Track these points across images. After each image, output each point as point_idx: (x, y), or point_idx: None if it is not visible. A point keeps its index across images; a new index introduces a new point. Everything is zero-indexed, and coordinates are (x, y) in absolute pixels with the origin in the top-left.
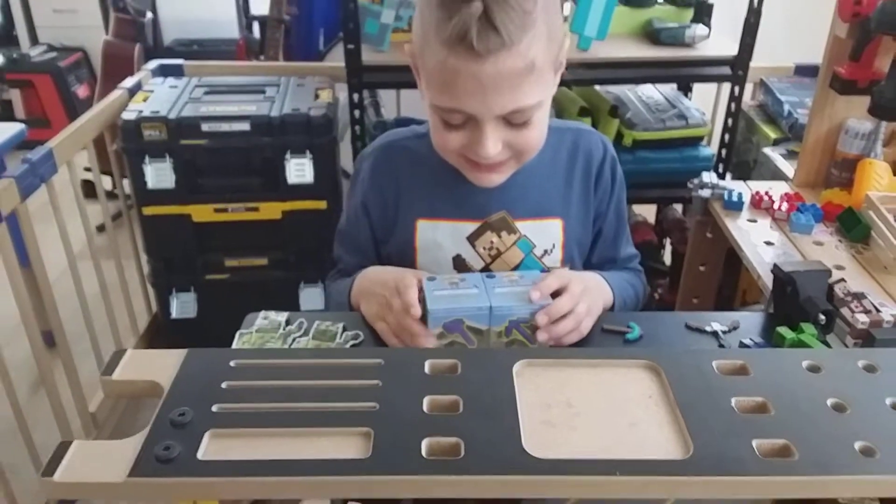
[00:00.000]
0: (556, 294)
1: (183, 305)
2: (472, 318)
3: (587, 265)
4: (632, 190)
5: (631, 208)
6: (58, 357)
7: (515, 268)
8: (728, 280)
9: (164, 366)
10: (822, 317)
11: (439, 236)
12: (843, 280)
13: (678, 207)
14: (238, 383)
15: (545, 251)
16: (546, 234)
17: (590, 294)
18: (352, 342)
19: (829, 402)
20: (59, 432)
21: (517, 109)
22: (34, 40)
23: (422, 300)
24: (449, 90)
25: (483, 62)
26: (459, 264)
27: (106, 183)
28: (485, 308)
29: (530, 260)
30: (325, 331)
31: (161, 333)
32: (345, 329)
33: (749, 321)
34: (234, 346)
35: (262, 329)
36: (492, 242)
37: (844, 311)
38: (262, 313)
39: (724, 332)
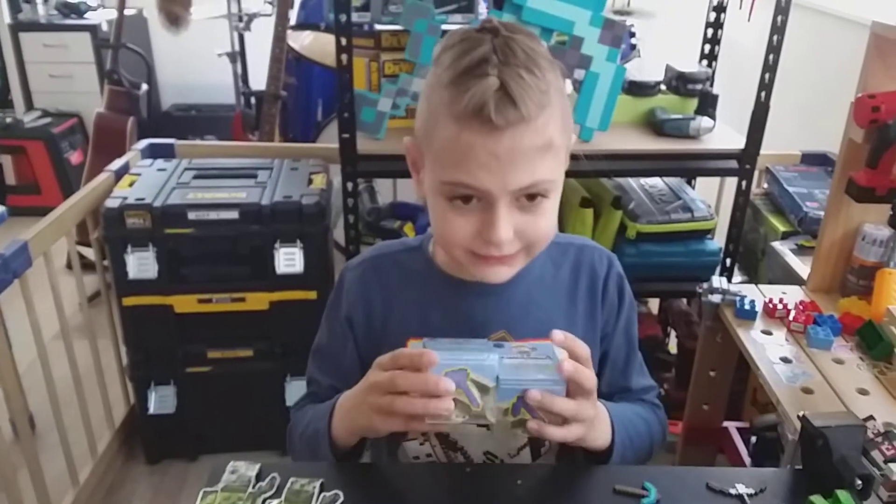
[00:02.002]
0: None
1: (161, 400)
2: (478, 369)
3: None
4: (636, 284)
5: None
6: (21, 454)
7: None
8: (737, 379)
9: None
10: (859, 482)
11: None
12: (871, 417)
13: (683, 299)
14: None
15: None
16: None
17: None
18: None
19: None
20: None
21: (534, 184)
22: (29, 104)
23: None
24: (461, 165)
25: (501, 135)
26: None
27: (86, 252)
28: (493, 360)
29: None
30: (299, 491)
31: (138, 428)
32: (322, 488)
33: (777, 480)
34: None
35: (229, 487)
36: None
37: (875, 453)
38: (231, 465)
39: (749, 496)
